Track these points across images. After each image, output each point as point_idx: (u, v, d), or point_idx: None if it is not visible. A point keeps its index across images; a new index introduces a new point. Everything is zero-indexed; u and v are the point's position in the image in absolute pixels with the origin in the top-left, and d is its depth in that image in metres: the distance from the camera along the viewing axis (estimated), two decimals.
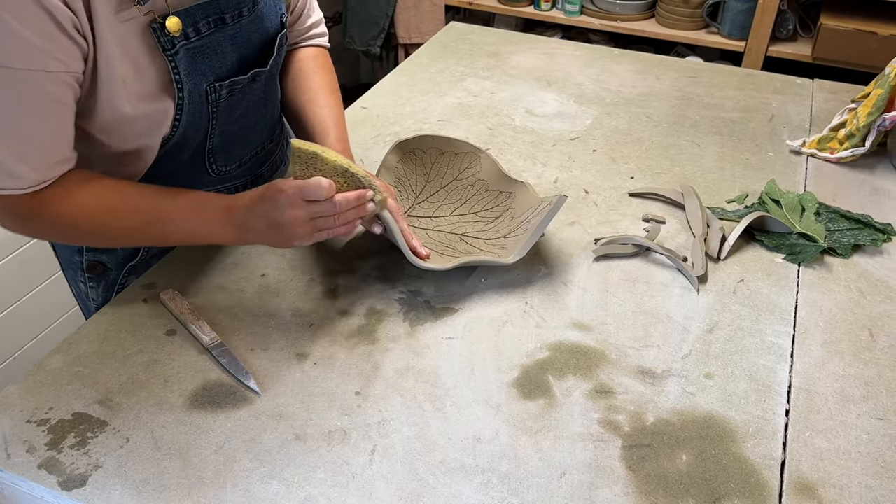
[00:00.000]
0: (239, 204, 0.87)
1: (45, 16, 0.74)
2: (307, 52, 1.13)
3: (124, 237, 0.91)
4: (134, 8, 0.81)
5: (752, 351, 0.91)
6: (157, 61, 0.86)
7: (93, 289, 1.11)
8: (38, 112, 0.80)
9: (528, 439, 0.79)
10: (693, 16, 2.48)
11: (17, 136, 0.80)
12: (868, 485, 0.76)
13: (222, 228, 0.88)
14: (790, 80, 1.57)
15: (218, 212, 0.88)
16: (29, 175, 0.82)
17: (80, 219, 0.87)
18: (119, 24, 0.81)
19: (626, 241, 1.07)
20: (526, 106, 1.45)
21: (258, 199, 0.85)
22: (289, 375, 0.86)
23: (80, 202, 0.86)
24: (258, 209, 0.85)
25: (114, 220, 0.88)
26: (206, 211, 0.88)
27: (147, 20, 0.83)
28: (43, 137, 0.82)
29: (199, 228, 0.89)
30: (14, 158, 0.80)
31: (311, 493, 0.74)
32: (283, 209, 0.83)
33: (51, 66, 0.77)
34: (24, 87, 0.77)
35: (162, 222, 0.88)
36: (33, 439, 0.78)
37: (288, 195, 0.83)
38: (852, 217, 1.12)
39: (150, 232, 0.89)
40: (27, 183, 0.82)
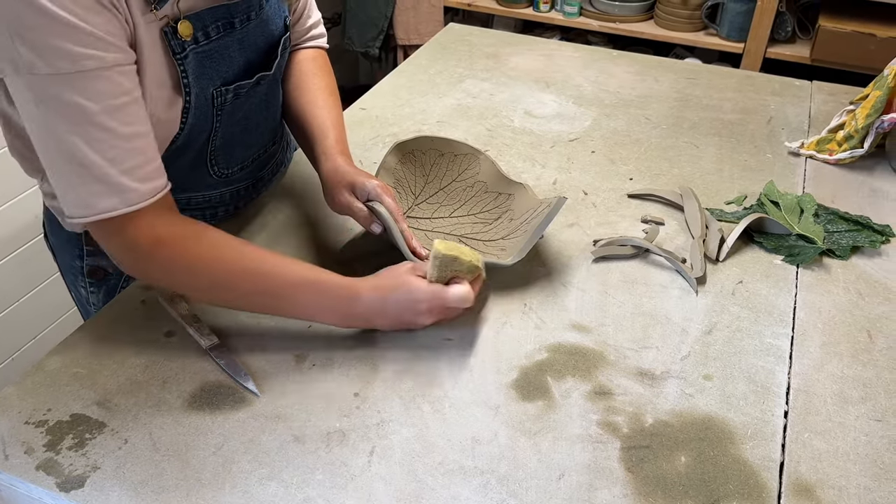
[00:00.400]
0: (365, 296, 0.86)
1: (100, 8, 0.73)
2: (306, 53, 1.13)
3: (238, 300, 0.88)
4: (151, 13, 0.81)
5: (750, 352, 0.91)
6: (169, 65, 0.85)
7: (93, 294, 1.10)
8: (122, 113, 0.77)
9: (527, 440, 0.79)
10: (692, 17, 2.48)
11: (110, 146, 0.77)
12: (867, 486, 0.76)
13: (342, 318, 0.88)
14: (789, 82, 1.58)
15: (341, 301, 0.86)
16: (136, 187, 0.79)
17: (198, 268, 0.84)
18: (145, 25, 0.81)
19: (625, 242, 1.07)
20: (525, 107, 1.45)
21: (391, 296, 0.86)
22: (287, 377, 0.86)
23: (201, 249, 0.84)
24: (391, 310, 0.86)
25: (231, 279, 0.85)
26: (329, 298, 0.86)
27: (162, 24, 0.83)
28: (135, 142, 0.79)
29: (316, 312, 0.87)
30: (115, 171, 0.77)
31: (310, 494, 0.74)
32: (421, 315, 0.87)
33: (120, 60, 0.76)
34: (102, 88, 0.75)
35: (278, 295, 0.85)
36: (31, 440, 0.78)
37: (430, 306, 0.86)
38: (851, 219, 1.12)
39: (263, 301, 0.87)
40: (138, 197, 0.79)
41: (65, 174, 0.78)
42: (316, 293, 0.86)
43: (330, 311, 0.87)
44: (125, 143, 0.78)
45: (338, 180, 0.98)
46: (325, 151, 1.01)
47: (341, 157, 1.01)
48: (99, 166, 0.77)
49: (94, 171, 0.77)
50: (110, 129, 0.76)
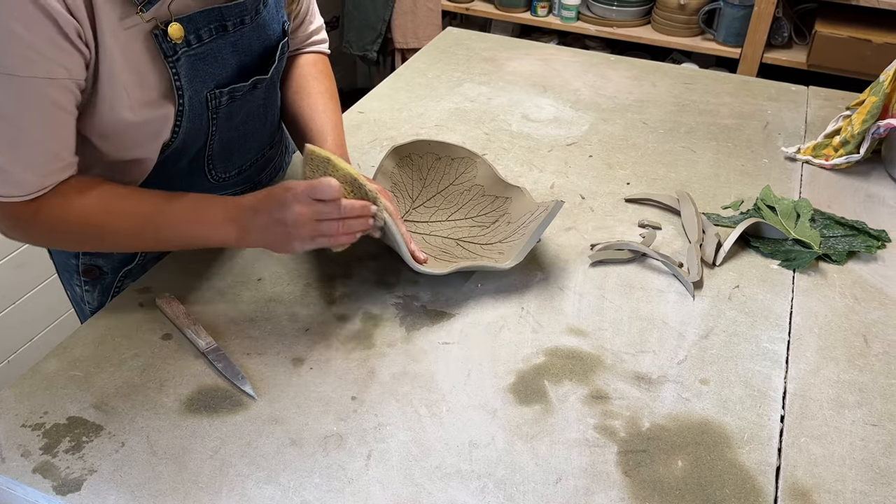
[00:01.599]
0: (242, 203, 0.87)
1: (49, 23, 0.74)
2: (307, 58, 1.13)
3: (122, 241, 0.91)
4: (137, 15, 0.81)
5: (747, 357, 0.91)
6: (159, 68, 0.86)
7: (88, 292, 1.11)
8: (42, 119, 0.80)
9: (524, 444, 0.79)
10: (689, 22, 2.49)
11: (19, 143, 0.80)
12: (862, 491, 0.76)
13: (223, 228, 0.87)
14: (785, 87, 1.58)
15: (218, 210, 0.87)
16: (32, 181, 0.82)
17: (78, 223, 0.87)
18: (123, 30, 0.81)
19: (622, 246, 1.07)
20: (522, 111, 1.46)
21: (264, 197, 0.86)
22: (285, 380, 0.86)
23: (78, 206, 0.86)
24: (263, 206, 0.85)
25: (111, 223, 0.88)
26: (206, 210, 0.88)
27: (149, 27, 0.83)
28: (46, 144, 0.82)
29: (197, 228, 0.88)
30: (18, 166, 0.81)
31: (307, 497, 0.74)
32: (289, 205, 0.83)
33: (55, 73, 0.77)
34: (27, 94, 0.77)
35: (160, 224, 0.88)
36: (28, 443, 0.78)
37: (295, 192, 0.83)
38: (847, 224, 1.13)
39: (147, 235, 0.89)
40: (29, 189, 0.82)
41: None
42: (196, 209, 0.88)
43: (212, 223, 0.87)
44: (34, 144, 0.81)
45: None
46: None
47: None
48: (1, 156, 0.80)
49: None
50: (22, 129, 0.79)
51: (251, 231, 0.87)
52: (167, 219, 0.88)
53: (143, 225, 0.88)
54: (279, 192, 0.84)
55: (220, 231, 0.88)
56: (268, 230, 0.86)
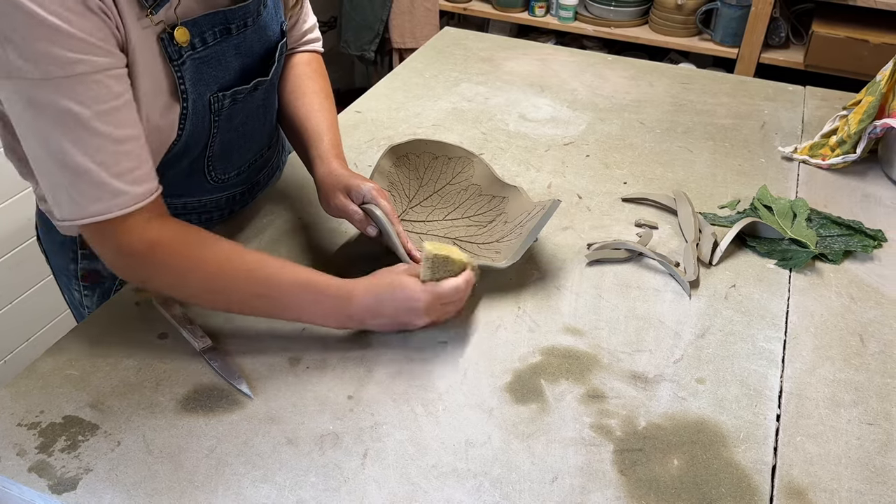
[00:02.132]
0: (360, 299, 0.86)
1: (88, 13, 0.73)
2: (301, 57, 1.13)
3: (232, 303, 0.87)
4: (147, 18, 0.81)
5: (743, 356, 0.91)
6: (166, 71, 0.85)
7: (87, 297, 1.10)
8: (114, 117, 0.77)
9: (521, 443, 0.80)
10: (686, 23, 2.49)
11: (103, 149, 0.77)
12: (858, 489, 0.76)
13: (337, 319, 0.88)
14: (782, 87, 1.58)
15: (336, 302, 0.86)
16: (128, 190, 0.79)
17: (196, 270, 0.84)
18: (141, 30, 0.80)
19: (619, 246, 1.07)
20: (520, 111, 1.46)
21: (387, 297, 0.87)
22: (281, 379, 0.86)
23: (196, 251, 0.84)
24: (387, 310, 0.87)
25: (226, 282, 0.85)
26: (323, 299, 0.86)
27: (158, 30, 0.82)
28: (127, 145, 0.79)
29: (311, 314, 0.88)
30: (107, 175, 0.77)
31: (303, 496, 0.74)
32: (417, 316, 0.87)
33: (111, 65, 0.76)
34: (93, 92, 0.75)
35: (273, 297, 0.85)
36: (24, 442, 0.78)
37: (426, 304, 0.86)
38: (843, 223, 1.13)
39: (258, 304, 0.87)
40: (130, 200, 0.79)
41: (56, 178, 0.78)
42: (311, 295, 0.86)
43: (325, 312, 0.87)
44: (117, 146, 0.78)
45: (333, 183, 0.98)
46: (320, 155, 1.01)
47: (336, 160, 1.01)
48: (90, 171, 0.77)
49: (86, 175, 0.77)
50: (102, 133, 0.76)
51: (367, 326, 0.90)
52: (282, 295, 0.85)
53: (256, 294, 0.85)
54: (406, 301, 0.86)
55: (332, 322, 0.89)
56: (385, 327, 0.90)
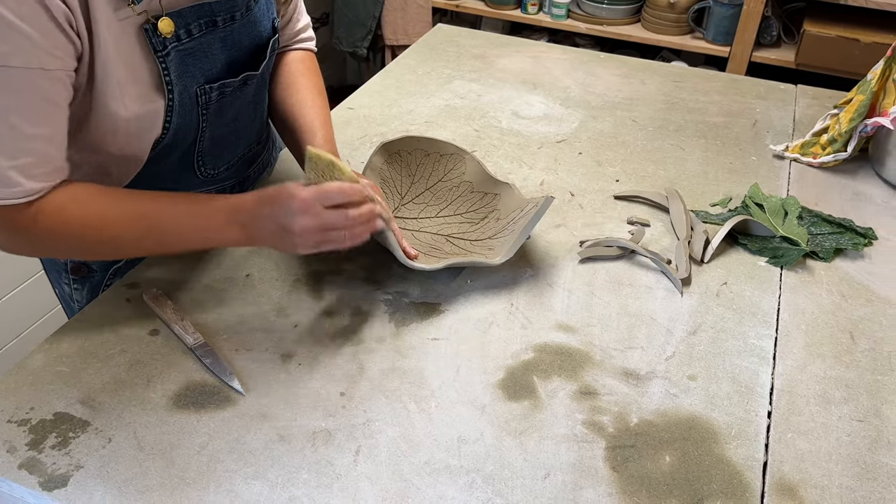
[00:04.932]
0: (244, 205, 0.85)
1: (41, 10, 0.72)
2: (295, 55, 1.13)
3: (124, 246, 0.88)
4: (129, 7, 0.80)
5: (734, 353, 0.91)
6: (150, 62, 0.85)
7: (77, 290, 1.10)
8: (33, 114, 0.77)
9: (513, 440, 0.80)
10: (678, 21, 2.49)
11: (10, 142, 0.77)
12: (848, 486, 0.77)
13: (226, 230, 0.86)
14: (774, 86, 1.59)
15: (221, 212, 0.86)
16: (23, 183, 0.79)
17: (78, 230, 0.83)
18: (117, 22, 0.80)
19: (611, 243, 1.07)
20: (512, 108, 1.46)
21: (267, 200, 0.84)
22: (273, 376, 0.86)
23: (76, 213, 0.83)
24: (266, 211, 0.84)
25: (112, 228, 0.84)
26: (208, 212, 0.86)
27: (141, 20, 0.82)
28: (37, 143, 0.79)
29: (201, 231, 0.86)
30: (7, 165, 0.77)
31: (295, 493, 0.73)
32: (294, 215, 0.82)
33: (48, 64, 0.75)
34: (20, 86, 0.75)
35: (162, 228, 0.85)
36: (14, 439, 0.78)
37: (302, 200, 0.82)
38: (834, 221, 1.14)
39: (151, 239, 0.86)
40: (22, 193, 0.79)
41: None
42: (197, 211, 0.86)
43: (215, 225, 0.86)
44: (24, 142, 0.77)
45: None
46: None
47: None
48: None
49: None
50: (12, 125, 0.76)
51: (255, 234, 0.86)
52: (169, 223, 0.86)
53: (145, 229, 0.85)
54: (284, 199, 0.82)
55: (224, 234, 0.86)
56: (273, 235, 0.85)
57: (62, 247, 0.89)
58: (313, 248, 0.85)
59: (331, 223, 0.83)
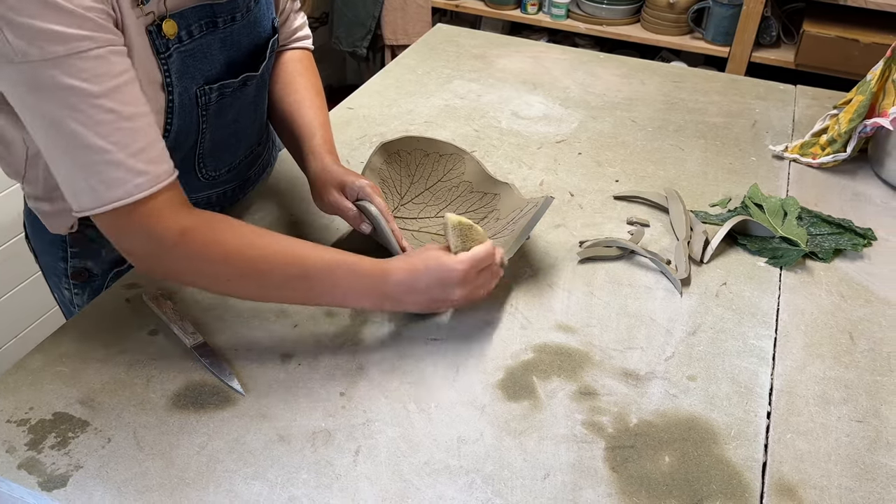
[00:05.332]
0: (396, 276, 0.84)
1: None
2: (292, 54, 1.13)
3: (268, 287, 0.84)
4: (139, 8, 0.80)
5: (734, 353, 0.91)
6: (153, 63, 0.85)
7: (77, 295, 1.09)
8: (123, 95, 0.74)
9: (513, 440, 0.80)
10: (678, 21, 2.49)
11: (116, 130, 0.74)
12: (847, 486, 0.77)
13: (373, 299, 0.85)
14: (773, 86, 1.59)
15: (373, 279, 0.84)
16: (146, 169, 0.75)
17: (227, 254, 0.80)
18: (135, 19, 0.80)
19: (611, 243, 1.07)
20: (512, 109, 1.46)
21: (424, 273, 0.84)
22: (273, 376, 0.86)
23: (229, 236, 0.81)
24: (421, 285, 0.84)
25: (264, 265, 0.81)
26: (359, 278, 0.84)
27: (147, 21, 0.82)
28: (138, 122, 0.75)
29: (348, 294, 0.84)
30: (125, 155, 0.74)
31: (295, 493, 0.73)
32: (455, 287, 0.85)
33: (113, 42, 0.74)
34: (100, 69, 0.72)
35: (310, 280, 0.83)
36: (13, 439, 0.77)
37: (463, 273, 0.84)
38: (833, 222, 1.14)
39: (299, 286, 0.83)
40: (153, 179, 0.76)
41: (70, 165, 0.75)
42: (346, 274, 0.83)
43: (361, 292, 0.84)
44: (129, 123, 0.74)
45: (326, 180, 0.98)
46: (312, 151, 1.01)
47: (329, 156, 1.00)
48: (106, 151, 0.73)
49: (102, 156, 0.73)
50: (112, 110, 0.73)
51: (403, 305, 0.87)
52: (318, 274, 0.83)
53: (297, 274, 0.82)
54: (444, 273, 0.84)
55: (368, 302, 0.86)
56: (421, 305, 0.87)
57: (202, 272, 0.82)
58: (459, 306, 0.90)
59: (481, 286, 0.88)
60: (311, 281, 0.83)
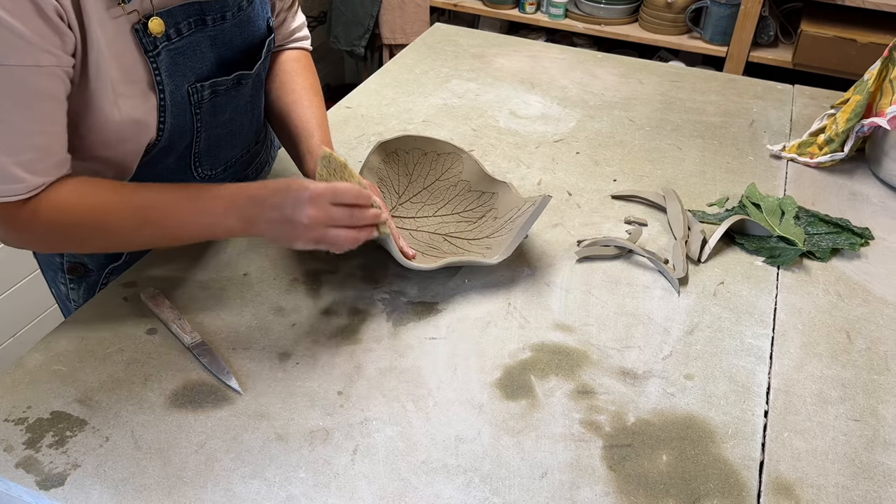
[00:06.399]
0: (247, 192, 0.85)
1: (29, 5, 0.72)
2: (291, 54, 1.13)
3: (124, 238, 0.88)
4: (119, 7, 0.80)
5: (731, 352, 0.92)
6: (141, 61, 0.85)
7: (73, 290, 1.09)
8: (33, 111, 0.77)
9: (511, 439, 0.80)
10: (676, 21, 2.50)
11: (11, 139, 0.77)
12: (844, 485, 0.77)
13: (225, 218, 0.85)
14: (771, 86, 1.59)
15: (220, 199, 0.85)
16: (26, 179, 0.79)
17: (79, 222, 0.84)
18: (110, 20, 0.80)
19: (609, 242, 1.07)
20: (510, 108, 1.46)
21: (275, 190, 0.84)
22: (270, 375, 0.86)
23: (75, 203, 0.83)
24: (273, 200, 0.84)
25: (112, 220, 0.84)
26: (207, 199, 0.85)
27: (132, 20, 0.82)
28: (38, 138, 0.79)
29: (200, 219, 0.85)
30: (10, 161, 0.78)
31: (293, 492, 0.73)
32: (303, 206, 0.82)
33: (42, 60, 0.75)
34: (16, 84, 0.75)
35: (161, 218, 0.85)
36: (11, 438, 0.77)
37: (314, 192, 0.82)
38: (831, 221, 1.14)
39: (148, 229, 0.86)
40: (25, 188, 0.79)
41: None
42: (196, 199, 0.85)
43: (215, 213, 0.85)
44: (26, 138, 0.78)
45: None
46: (310, 150, 1.01)
47: None
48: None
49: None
50: (12, 123, 0.76)
51: (256, 223, 0.85)
52: (168, 212, 0.85)
53: (143, 220, 0.85)
54: (295, 189, 0.83)
55: (223, 221, 0.86)
56: (274, 225, 0.85)
57: (62, 239, 0.88)
58: (312, 243, 0.85)
59: (336, 219, 0.84)
60: (161, 223, 0.85)
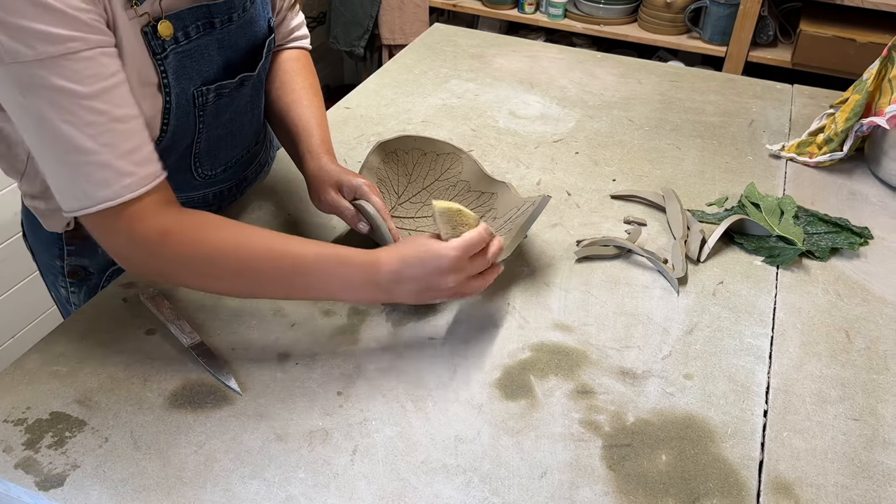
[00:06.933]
0: (383, 266, 0.81)
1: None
2: (290, 53, 1.12)
3: (260, 285, 0.83)
4: (132, 9, 0.80)
5: (730, 352, 0.92)
6: (151, 64, 0.84)
7: (74, 294, 1.09)
8: (115, 94, 0.75)
9: (510, 439, 0.80)
10: (675, 21, 2.50)
11: (103, 128, 0.74)
12: (844, 484, 0.77)
13: (366, 290, 0.82)
14: (770, 86, 1.59)
15: (364, 270, 0.81)
16: (134, 171, 0.75)
17: (212, 254, 0.80)
18: (127, 21, 0.79)
19: (608, 242, 1.07)
20: (509, 108, 1.46)
21: (413, 261, 0.81)
22: (270, 375, 0.86)
23: (212, 236, 0.80)
24: (411, 273, 0.81)
25: (254, 262, 0.80)
26: (351, 269, 0.82)
27: (142, 22, 0.82)
28: (127, 123, 0.76)
29: (340, 286, 0.82)
30: (113, 155, 0.74)
31: (292, 493, 0.73)
32: (445, 275, 0.81)
33: (105, 42, 0.74)
34: (90, 70, 0.72)
35: (303, 276, 0.81)
36: (10, 439, 0.77)
37: (453, 259, 0.80)
38: (830, 221, 1.14)
39: (290, 282, 0.82)
40: (137, 182, 0.76)
41: (59, 165, 0.75)
42: (337, 267, 0.82)
43: (353, 283, 0.82)
44: (119, 125, 0.75)
45: (324, 179, 0.98)
46: (309, 150, 1.01)
47: (326, 155, 1.00)
48: (95, 152, 0.74)
49: (90, 157, 0.74)
50: (103, 111, 0.74)
51: (395, 295, 0.83)
52: (310, 268, 0.81)
53: (289, 268, 0.81)
54: (433, 259, 0.80)
55: (362, 293, 0.83)
56: (414, 295, 0.83)
57: (192, 270, 0.82)
58: (455, 297, 0.86)
59: (473, 271, 0.83)
60: (301, 276, 0.82)
